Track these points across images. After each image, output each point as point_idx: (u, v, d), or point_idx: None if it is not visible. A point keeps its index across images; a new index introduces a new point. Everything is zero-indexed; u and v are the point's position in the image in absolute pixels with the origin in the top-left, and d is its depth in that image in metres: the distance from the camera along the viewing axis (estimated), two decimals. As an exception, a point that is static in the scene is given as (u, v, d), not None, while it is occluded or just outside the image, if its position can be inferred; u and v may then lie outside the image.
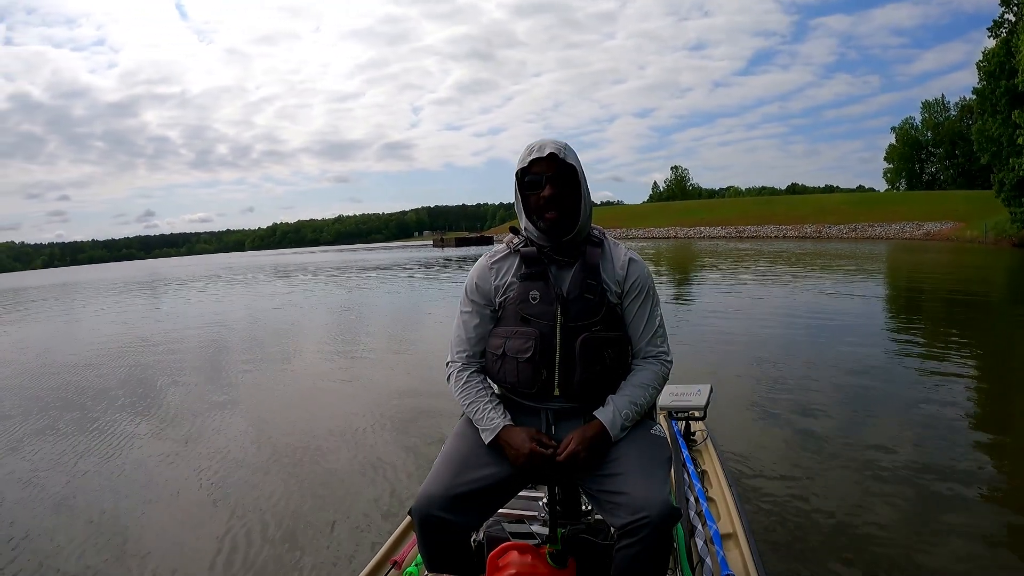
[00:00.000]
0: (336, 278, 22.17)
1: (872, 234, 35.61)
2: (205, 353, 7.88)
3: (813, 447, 3.37)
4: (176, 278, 30.83)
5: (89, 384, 6.20)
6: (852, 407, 4.09)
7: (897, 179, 61.19)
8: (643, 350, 1.45)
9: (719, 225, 48.40)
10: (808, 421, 3.81)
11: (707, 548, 1.67)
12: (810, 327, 7.14)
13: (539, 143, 1.38)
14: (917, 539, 2.39)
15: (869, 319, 7.82)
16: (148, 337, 9.50)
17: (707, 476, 2.30)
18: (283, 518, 2.85)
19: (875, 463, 3.09)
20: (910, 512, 2.60)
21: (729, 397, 4.16)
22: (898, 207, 40.55)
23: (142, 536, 2.78)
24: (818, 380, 4.73)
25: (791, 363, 5.33)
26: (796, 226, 41.86)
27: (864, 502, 2.70)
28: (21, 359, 8.48)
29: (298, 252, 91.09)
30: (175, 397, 5.40)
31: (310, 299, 14.89)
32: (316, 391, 5.44)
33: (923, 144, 59.55)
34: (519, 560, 1.35)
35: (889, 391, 4.41)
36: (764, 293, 10.99)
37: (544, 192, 1.36)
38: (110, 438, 4.24)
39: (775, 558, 2.24)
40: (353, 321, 10.43)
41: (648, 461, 1.32)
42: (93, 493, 3.29)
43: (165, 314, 13.98)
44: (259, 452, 3.80)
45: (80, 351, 8.57)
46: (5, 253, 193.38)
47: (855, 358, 5.37)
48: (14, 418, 4.98)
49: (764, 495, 2.79)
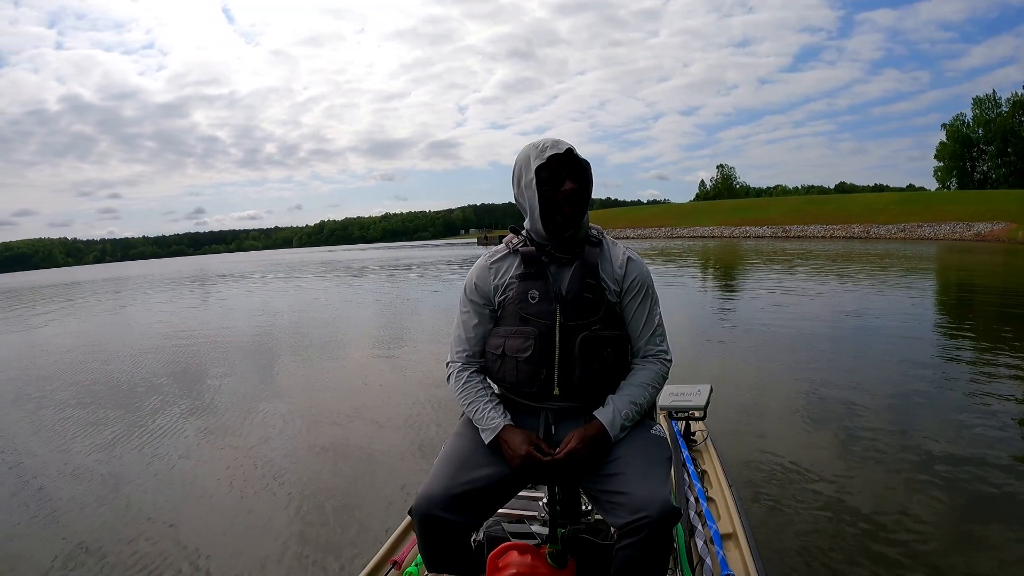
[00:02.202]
0: (383, 274, 22.64)
1: (921, 234, 34.13)
2: (257, 343, 8.31)
3: (831, 447, 3.37)
4: (228, 273, 32.00)
5: (144, 373, 6.56)
6: (888, 412, 3.96)
7: (948, 178, 59.25)
8: (643, 349, 1.45)
9: (764, 224, 46.86)
10: (823, 423, 3.81)
11: (707, 548, 1.67)
12: (845, 329, 6.96)
13: (552, 141, 1.37)
14: (919, 540, 2.39)
15: (908, 321, 7.43)
16: (202, 327, 10.26)
17: (707, 476, 2.29)
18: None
19: (887, 464, 3.09)
20: (915, 513, 2.59)
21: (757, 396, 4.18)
22: (948, 207, 38.97)
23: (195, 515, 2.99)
24: (859, 386, 4.53)
25: (831, 366, 5.18)
26: (844, 226, 40.32)
27: (870, 502, 2.70)
28: (83, 346, 9.00)
29: (345, 249, 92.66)
30: (231, 386, 5.68)
31: (361, 293, 15.56)
32: (368, 380, 5.67)
33: (974, 142, 57.42)
34: (519, 560, 1.35)
35: (913, 396, 4.26)
36: (808, 291, 10.72)
37: (566, 187, 1.36)
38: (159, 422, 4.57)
39: (775, 558, 2.24)
40: (400, 314, 10.70)
41: (648, 461, 1.32)
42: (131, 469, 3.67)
43: (226, 306, 14.64)
44: (310, 437, 4.05)
45: (135, 341, 9.10)
46: (58, 248, 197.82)
47: (891, 364, 5.18)
48: (72, 405, 5.27)
49: (764, 495, 2.79)
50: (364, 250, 73.17)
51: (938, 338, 6.50)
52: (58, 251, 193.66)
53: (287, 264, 39.45)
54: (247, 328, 9.79)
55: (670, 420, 2.60)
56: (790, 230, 42.94)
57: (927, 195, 53.32)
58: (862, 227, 39.09)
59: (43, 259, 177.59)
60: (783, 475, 3.01)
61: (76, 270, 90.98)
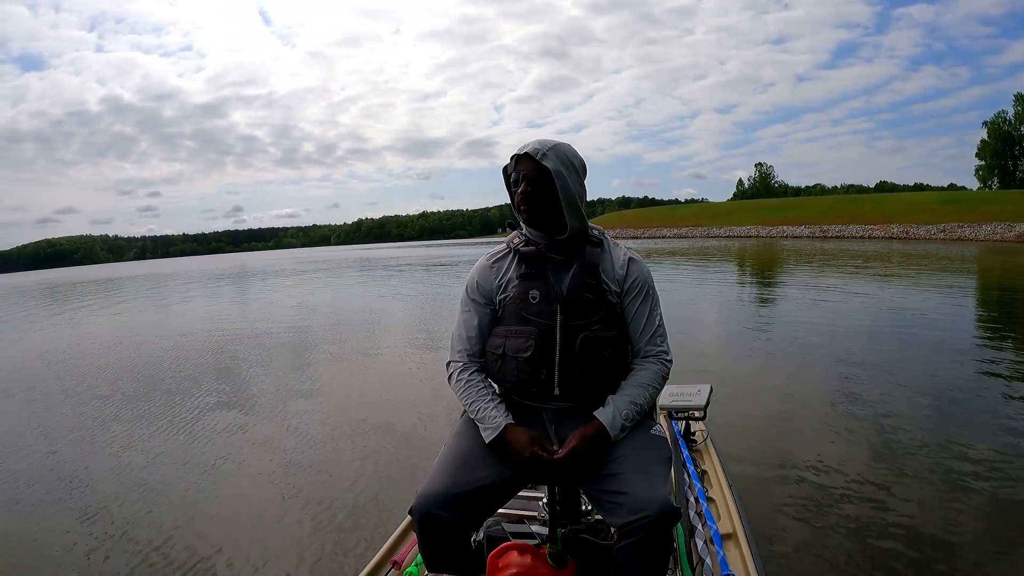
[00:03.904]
0: (421, 273, 22.78)
1: (961, 235, 32.91)
2: (294, 338, 8.53)
3: (838, 448, 3.38)
4: (269, 270, 32.76)
5: (187, 364, 6.93)
6: (932, 414, 3.90)
7: (989, 177, 57.17)
8: (643, 349, 1.45)
9: (802, 224, 45.77)
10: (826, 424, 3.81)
11: (707, 548, 1.67)
12: (879, 332, 6.80)
13: (533, 142, 1.40)
14: (921, 540, 2.39)
15: (943, 323, 7.23)
16: (247, 320, 10.71)
17: (707, 476, 2.30)
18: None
19: (897, 465, 3.09)
20: (917, 515, 2.60)
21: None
22: (989, 207, 37.73)
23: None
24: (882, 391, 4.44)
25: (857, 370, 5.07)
26: (883, 226, 39.20)
27: (872, 502, 2.70)
28: (129, 340, 9.35)
29: (384, 247, 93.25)
30: (269, 378, 5.91)
31: (405, 288, 15.96)
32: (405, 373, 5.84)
33: (1016, 139, 55.45)
34: (519, 560, 1.35)
35: (926, 398, 4.22)
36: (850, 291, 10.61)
37: (520, 188, 1.40)
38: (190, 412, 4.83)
39: (775, 558, 2.24)
40: (437, 311, 10.77)
41: (648, 461, 1.32)
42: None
43: (266, 302, 15.01)
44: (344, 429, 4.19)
45: (179, 333, 9.56)
46: (100, 245, 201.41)
47: (920, 368, 5.10)
48: (113, 398, 5.48)
49: (764, 495, 2.79)
50: (403, 248, 73.57)
51: (974, 340, 6.26)
52: (100, 248, 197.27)
53: (326, 261, 40.07)
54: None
55: (670, 420, 2.60)
56: (828, 230, 41.97)
57: (968, 195, 51.25)
58: (901, 227, 38.06)
59: (85, 255, 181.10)
60: (785, 475, 3.01)
61: (118, 266, 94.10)
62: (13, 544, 2.79)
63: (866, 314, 8.27)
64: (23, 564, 2.62)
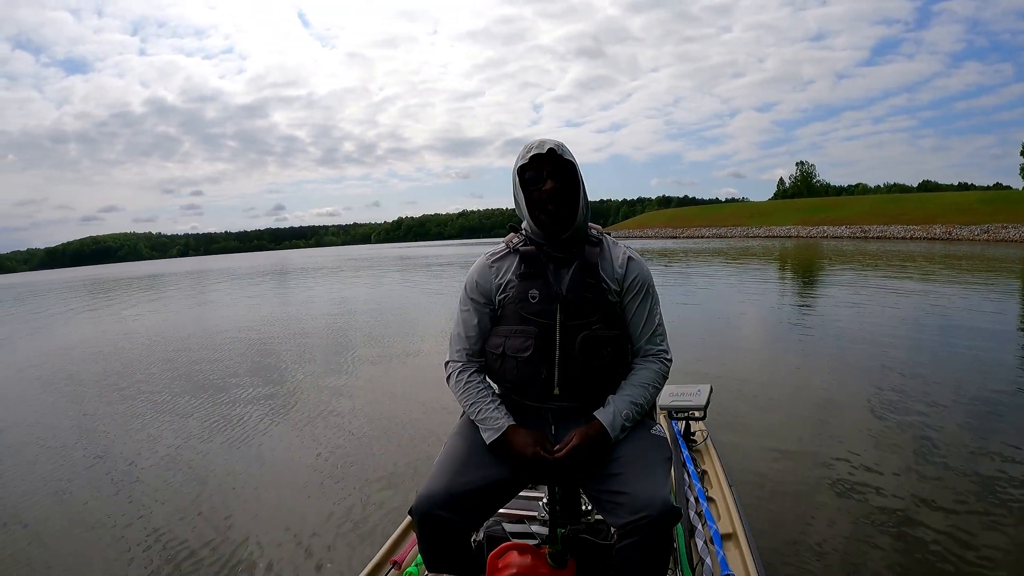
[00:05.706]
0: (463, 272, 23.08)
1: (1006, 236, 31.29)
2: (335, 334, 8.93)
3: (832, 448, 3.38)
4: (310, 267, 33.28)
5: (231, 358, 7.35)
6: (967, 417, 3.85)
7: None
8: (643, 349, 1.45)
9: (843, 224, 44.53)
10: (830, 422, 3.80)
11: (707, 548, 1.67)
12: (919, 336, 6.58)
13: (538, 141, 1.40)
14: (921, 539, 2.39)
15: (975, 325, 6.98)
16: (291, 316, 11.42)
17: (707, 476, 2.29)
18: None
19: (900, 466, 3.09)
20: (917, 514, 2.60)
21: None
22: None
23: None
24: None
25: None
26: (925, 227, 37.90)
27: (870, 503, 2.70)
28: (176, 335, 9.85)
29: (424, 245, 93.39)
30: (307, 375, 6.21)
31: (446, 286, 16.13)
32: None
33: None
34: (519, 560, 1.35)
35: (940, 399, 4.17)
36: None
37: (546, 186, 1.38)
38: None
39: (775, 558, 2.23)
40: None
41: (648, 461, 1.32)
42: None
43: (313, 298, 15.72)
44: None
45: (225, 329, 10.07)
46: (143, 242, 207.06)
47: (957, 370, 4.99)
48: (161, 392, 5.79)
49: (764, 496, 2.79)
50: (443, 246, 73.34)
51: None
52: (143, 245, 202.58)
53: (368, 259, 40.73)
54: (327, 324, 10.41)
55: (670, 420, 2.60)
56: (869, 230, 40.75)
57: (1014, 194, 49.44)
58: (944, 228, 36.77)
59: (129, 252, 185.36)
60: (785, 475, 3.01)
61: (162, 263, 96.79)
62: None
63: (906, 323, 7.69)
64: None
